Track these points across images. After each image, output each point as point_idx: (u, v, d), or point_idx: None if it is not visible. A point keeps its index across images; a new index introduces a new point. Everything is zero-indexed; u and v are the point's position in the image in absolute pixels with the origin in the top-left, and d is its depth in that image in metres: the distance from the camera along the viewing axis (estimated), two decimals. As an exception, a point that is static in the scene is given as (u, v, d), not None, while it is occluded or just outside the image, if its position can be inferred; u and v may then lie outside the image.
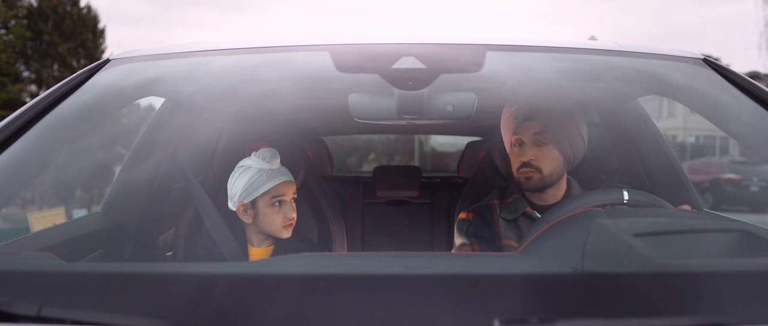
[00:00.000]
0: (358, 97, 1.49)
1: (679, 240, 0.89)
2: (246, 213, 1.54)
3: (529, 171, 1.46)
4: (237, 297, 0.71)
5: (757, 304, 0.71)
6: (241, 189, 1.52)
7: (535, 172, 1.46)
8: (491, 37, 1.33)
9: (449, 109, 1.52)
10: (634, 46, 1.33)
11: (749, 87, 1.16)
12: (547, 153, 1.47)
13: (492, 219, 1.55)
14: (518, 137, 1.49)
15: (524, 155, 1.47)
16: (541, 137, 1.47)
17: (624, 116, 1.83)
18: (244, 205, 1.53)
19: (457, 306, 0.70)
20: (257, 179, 1.52)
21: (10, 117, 1.08)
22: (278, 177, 1.55)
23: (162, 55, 1.35)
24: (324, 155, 2.72)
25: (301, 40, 1.36)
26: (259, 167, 1.53)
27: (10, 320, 0.68)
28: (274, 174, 1.54)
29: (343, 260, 0.94)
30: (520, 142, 1.49)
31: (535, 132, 1.47)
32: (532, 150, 1.47)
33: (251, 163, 1.54)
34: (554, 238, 0.89)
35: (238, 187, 1.53)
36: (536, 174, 1.46)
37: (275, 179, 1.54)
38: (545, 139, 1.47)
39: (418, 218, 2.76)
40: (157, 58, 1.35)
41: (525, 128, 1.48)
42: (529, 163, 1.46)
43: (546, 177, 1.47)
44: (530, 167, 1.46)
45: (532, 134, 1.47)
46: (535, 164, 1.46)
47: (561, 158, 1.48)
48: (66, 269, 0.86)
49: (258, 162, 1.54)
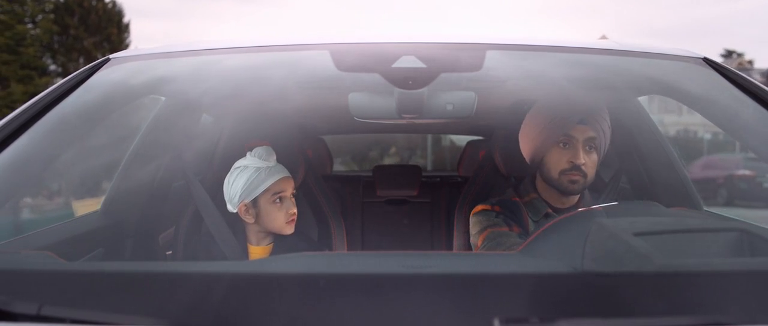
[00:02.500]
0: (359, 96, 1.49)
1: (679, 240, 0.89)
2: (248, 213, 1.54)
3: (578, 175, 1.42)
4: (237, 296, 0.71)
5: (757, 304, 0.71)
6: (240, 189, 1.52)
7: (582, 177, 1.43)
8: (491, 36, 1.33)
9: (449, 108, 1.52)
10: (634, 46, 1.33)
11: (749, 86, 1.16)
12: (593, 159, 1.44)
13: (521, 215, 1.52)
14: (568, 138, 1.43)
15: (577, 158, 1.42)
16: (592, 142, 1.43)
17: (624, 116, 1.83)
18: (246, 205, 1.53)
19: (457, 306, 0.70)
20: (256, 178, 1.52)
21: (11, 115, 1.08)
22: (277, 174, 1.55)
23: (161, 54, 1.35)
24: (324, 154, 2.72)
25: (302, 39, 1.36)
26: (256, 166, 1.53)
27: (10, 319, 0.68)
28: (272, 172, 1.54)
29: (342, 259, 0.94)
30: (568, 143, 1.43)
31: (588, 137, 1.43)
32: (584, 155, 1.42)
33: (248, 163, 1.54)
34: (554, 238, 0.89)
35: (238, 188, 1.52)
36: (582, 179, 1.43)
37: (274, 176, 1.54)
38: (595, 144, 1.44)
39: (418, 217, 2.75)
40: (156, 57, 1.35)
41: (579, 131, 1.42)
42: (579, 168, 1.42)
43: (587, 183, 1.44)
44: (579, 172, 1.42)
45: (585, 138, 1.43)
46: (584, 169, 1.42)
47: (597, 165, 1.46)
48: (66, 268, 0.86)
49: (254, 160, 1.54)
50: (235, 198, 1.53)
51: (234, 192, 1.53)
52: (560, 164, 1.44)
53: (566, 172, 1.43)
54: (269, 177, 1.53)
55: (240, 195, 1.52)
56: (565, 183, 1.44)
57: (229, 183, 1.55)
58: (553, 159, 1.45)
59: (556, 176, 1.45)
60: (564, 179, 1.44)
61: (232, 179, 1.54)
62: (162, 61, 1.35)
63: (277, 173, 1.55)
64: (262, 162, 1.54)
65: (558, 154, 1.45)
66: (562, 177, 1.44)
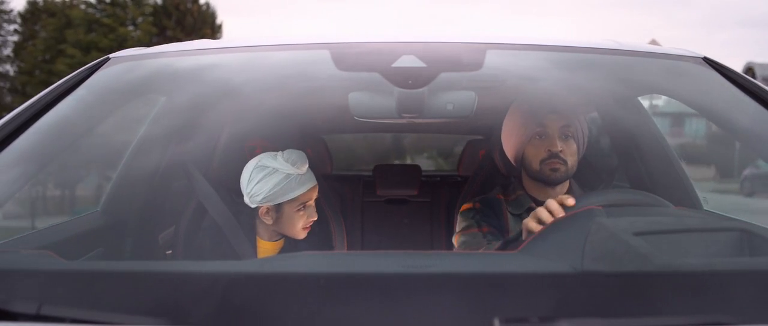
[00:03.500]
0: (359, 95, 1.49)
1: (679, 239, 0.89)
2: (268, 215, 1.51)
3: (557, 162, 1.45)
4: (237, 295, 0.71)
5: (757, 304, 0.71)
6: (267, 191, 1.46)
7: (562, 164, 1.46)
8: (491, 35, 1.33)
9: (449, 107, 1.52)
10: (634, 46, 1.33)
11: (750, 86, 1.16)
12: (571, 146, 1.47)
13: (501, 211, 1.54)
14: (543, 129, 1.47)
15: (554, 146, 1.45)
16: (566, 130, 1.47)
17: (624, 116, 1.83)
18: (268, 208, 1.49)
19: (457, 306, 0.70)
20: (286, 185, 1.47)
21: (10, 115, 1.08)
22: (307, 183, 1.51)
23: (161, 53, 1.35)
24: (324, 154, 2.72)
25: (301, 38, 1.36)
26: (287, 172, 1.47)
27: (10, 318, 0.67)
28: (302, 180, 1.50)
29: (343, 259, 0.94)
30: (543, 134, 1.47)
31: (562, 125, 1.46)
32: (560, 142, 1.46)
33: (278, 166, 1.48)
34: (554, 238, 0.89)
35: (264, 189, 1.46)
36: (563, 167, 1.46)
37: (305, 185, 1.50)
38: (570, 132, 1.47)
39: (418, 217, 2.75)
40: (156, 57, 1.35)
41: (551, 120, 1.47)
42: (557, 155, 1.45)
43: (569, 171, 1.47)
44: (558, 159, 1.45)
45: (559, 126, 1.46)
46: (562, 156, 1.45)
47: (577, 154, 1.49)
48: (65, 267, 0.86)
49: (287, 166, 1.48)
50: (257, 197, 1.48)
51: (257, 191, 1.47)
52: (539, 154, 1.47)
53: (545, 161, 1.46)
54: (300, 186, 1.49)
55: (265, 197, 1.47)
56: (547, 172, 1.47)
57: (252, 179, 1.48)
58: (532, 151, 1.49)
59: (538, 167, 1.48)
60: (545, 168, 1.47)
61: (258, 177, 1.47)
62: (162, 60, 1.35)
63: (308, 182, 1.51)
64: (294, 169, 1.48)
65: (536, 146, 1.48)
66: (543, 167, 1.47)
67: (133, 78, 1.30)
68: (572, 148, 1.48)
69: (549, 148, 1.46)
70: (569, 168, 1.47)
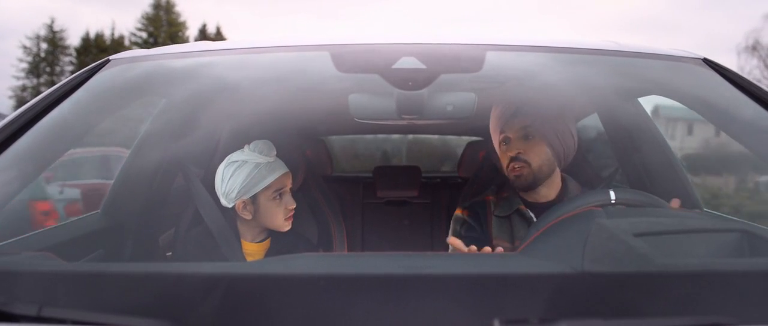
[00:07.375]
0: (359, 97, 1.49)
1: (679, 240, 0.89)
2: (245, 209, 1.49)
3: (519, 166, 1.45)
4: (237, 297, 0.71)
5: (757, 304, 0.71)
6: (239, 185, 1.47)
7: (525, 167, 1.44)
8: (491, 37, 1.33)
9: (449, 109, 1.52)
10: (634, 46, 1.33)
11: (749, 87, 1.16)
12: (534, 146, 1.45)
13: (485, 218, 1.54)
14: (505, 135, 1.47)
15: (511, 150, 1.45)
16: (528, 131, 1.45)
17: (624, 116, 1.83)
18: (244, 202, 1.49)
19: (457, 306, 0.70)
20: (257, 173, 1.47)
21: (10, 117, 1.08)
22: (278, 170, 1.50)
23: (161, 55, 1.35)
24: (324, 155, 2.72)
25: (301, 40, 1.36)
26: (256, 161, 1.48)
27: (10, 320, 0.68)
28: (272, 167, 1.49)
29: (343, 260, 0.94)
30: (507, 139, 1.47)
31: (521, 126, 1.46)
32: (520, 144, 1.45)
33: (247, 158, 1.48)
34: (554, 238, 0.89)
35: (236, 184, 1.47)
36: (526, 169, 1.45)
37: (275, 172, 1.49)
38: (532, 132, 1.45)
39: (418, 218, 2.76)
40: (156, 58, 1.35)
41: (511, 124, 1.47)
42: (517, 158, 1.44)
43: (536, 172, 1.45)
44: (519, 161, 1.44)
45: (518, 128, 1.46)
46: (523, 158, 1.44)
47: (549, 152, 1.46)
48: (66, 269, 0.86)
49: (254, 156, 1.49)
50: (232, 194, 1.48)
51: (230, 188, 1.48)
52: (504, 160, 1.49)
53: (508, 166, 1.47)
54: (270, 173, 1.49)
55: (238, 191, 1.47)
56: (512, 177, 1.48)
57: (223, 178, 1.49)
58: (501, 157, 1.51)
59: (507, 174, 1.49)
60: (510, 174, 1.48)
61: (229, 173, 1.48)
62: (162, 62, 1.35)
63: (279, 169, 1.51)
64: (262, 157, 1.49)
65: (502, 152, 1.50)
66: (509, 172, 1.48)
67: (133, 79, 1.30)
68: (537, 147, 1.45)
69: (510, 153, 1.47)
70: (535, 169, 1.45)
